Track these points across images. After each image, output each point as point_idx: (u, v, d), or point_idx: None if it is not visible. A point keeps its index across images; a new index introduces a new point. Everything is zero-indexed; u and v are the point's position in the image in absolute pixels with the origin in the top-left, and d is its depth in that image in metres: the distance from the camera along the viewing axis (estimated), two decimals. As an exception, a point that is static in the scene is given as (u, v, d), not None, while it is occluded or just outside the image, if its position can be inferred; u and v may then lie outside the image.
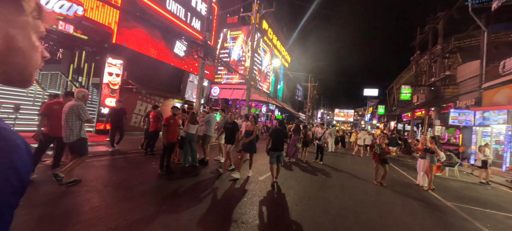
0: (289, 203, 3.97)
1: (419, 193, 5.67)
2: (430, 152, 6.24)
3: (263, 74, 25.60)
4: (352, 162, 9.90)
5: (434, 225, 3.72)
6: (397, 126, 31.97)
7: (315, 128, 10.84)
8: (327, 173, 6.93)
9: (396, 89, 32.27)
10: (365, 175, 7.23)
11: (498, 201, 5.79)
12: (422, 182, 6.50)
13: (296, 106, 42.94)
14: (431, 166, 6.13)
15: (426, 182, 6.35)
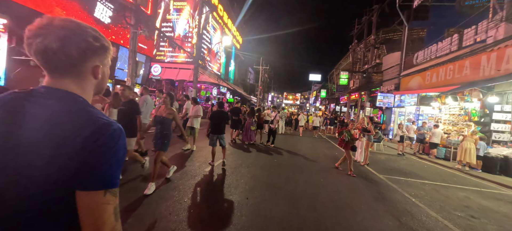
0: (239, 196, 3.49)
1: (358, 169, 6.17)
2: (367, 131, 6.87)
3: (213, 53, 23.94)
4: (301, 144, 10.31)
5: (375, 200, 3.95)
6: (336, 108, 36.07)
7: (267, 111, 10.69)
8: (278, 157, 6.83)
9: (336, 75, 35.94)
10: (314, 156, 7.51)
11: (413, 169, 6.92)
12: (360, 158, 7.19)
13: (248, 89, 42.85)
14: (367, 144, 6.77)
15: (362, 158, 7.04)
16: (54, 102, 0.60)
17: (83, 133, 0.57)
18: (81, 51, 0.62)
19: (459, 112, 9.37)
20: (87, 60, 0.65)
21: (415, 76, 13.44)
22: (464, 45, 10.36)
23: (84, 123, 0.59)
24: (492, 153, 7.17)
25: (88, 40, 0.63)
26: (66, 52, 0.60)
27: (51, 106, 0.59)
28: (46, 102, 0.60)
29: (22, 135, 0.56)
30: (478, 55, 8.94)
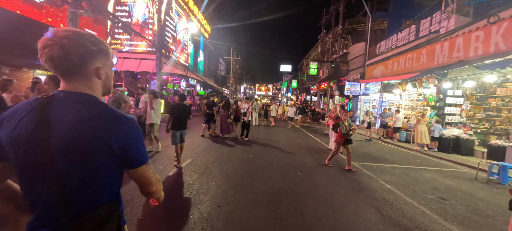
0: (209, 205, 2.98)
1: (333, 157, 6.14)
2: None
3: (179, 43, 22.20)
4: (276, 135, 10.09)
5: (354, 191, 3.82)
6: (307, 97, 37.21)
7: (240, 103, 10.18)
8: (253, 151, 6.44)
9: (306, 65, 36.84)
10: (289, 147, 7.31)
11: (382, 153, 7.21)
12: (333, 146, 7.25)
13: (219, 81, 41.50)
14: None
15: None
16: (76, 105, 0.73)
17: (113, 128, 0.75)
18: (81, 56, 0.73)
19: (418, 97, 10.13)
20: (87, 63, 0.76)
21: (378, 65, 14.21)
22: (421, 35, 11.19)
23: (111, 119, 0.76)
24: (446, 134, 7.86)
25: (86, 46, 0.74)
26: (68, 58, 0.71)
27: (74, 108, 0.72)
28: (68, 105, 0.73)
29: (57, 134, 0.69)
30: (433, 44, 9.65)
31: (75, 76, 0.75)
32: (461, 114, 8.12)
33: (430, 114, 8.79)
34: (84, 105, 0.74)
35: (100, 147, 0.72)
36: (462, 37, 8.30)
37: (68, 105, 0.72)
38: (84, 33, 0.75)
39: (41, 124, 0.69)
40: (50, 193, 0.69)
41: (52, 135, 0.68)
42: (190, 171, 4.28)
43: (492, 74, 6.65)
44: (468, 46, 7.99)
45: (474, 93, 8.25)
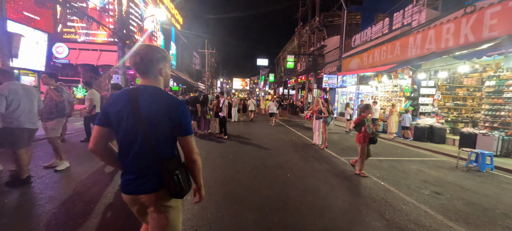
0: (182, 228, 2.31)
1: (319, 153, 5.82)
2: (320, 113, 6.56)
3: (147, 33, 20.23)
4: (257, 131, 9.56)
5: (350, 193, 3.47)
6: (284, 91, 37.40)
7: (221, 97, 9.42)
8: (234, 150, 5.81)
9: (283, 59, 36.85)
10: (272, 144, 6.84)
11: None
12: (318, 141, 6.96)
13: (194, 75, 39.52)
14: (325, 127, 6.49)
15: (321, 141, 6.82)
16: (152, 92, 1.18)
17: (175, 108, 1.17)
18: (151, 61, 1.18)
19: (393, 89, 10.42)
20: (155, 66, 1.19)
21: (354, 57, 14.45)
22: (394, 28, 11.51)
23: (173, 103, 1.17)
24: (421, 123, 8.12)
25: (154, 54, 1.18)
26: (144, 62, 1.16)
27: (151, 94, 1.17)
28: (147, 93, 1.16)
29: (143, 110, 1.13)
30: (406, 37, 9.90)
31: (148, 75, 1.21)
32: (433, 104, 8.47)
33: (406, 104, 9.05)
34: (156, 93, 1.18)
35: (166, 120, 1.15)
36: (433, 29, 8.57)
37: (147, 93, 1.17)
38: (153, 46, 1.22)
39: (133, 104, 1.14)
40: (140, 146, 1.15)
41: (140, 110, 1.13)
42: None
43: (465, 64, 6.91)
44: (439, 38, 8.28)
45: (445, 83, 8.65)
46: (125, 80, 10.54)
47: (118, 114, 1.14)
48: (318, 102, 7.06)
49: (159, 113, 1.13)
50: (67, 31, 15.09)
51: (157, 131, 1.14)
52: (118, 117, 1.14)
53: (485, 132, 6.25)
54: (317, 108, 6.95)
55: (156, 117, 1.13)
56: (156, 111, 1.13)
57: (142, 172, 1.16)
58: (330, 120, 7.44)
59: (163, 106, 1.14)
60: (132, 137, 1.14)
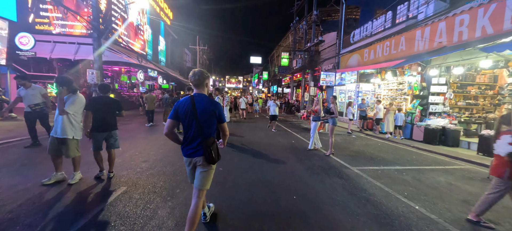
0: None
1: (326, 162, 4.92)
2: (330, 113, 5.69)
3: (132, 27, 18.80)
4: (251, 132, 8.59)
5: (378, 222, 2.55)
6: (278, 89, 36.54)
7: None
8: (224, 159, 4.82)
9: (276, 56, 35.92)
10: (271, 150, 5.90)
11: (374, 151, 6.29)
12: (317, 145, 6.11)
13: (185, 72, 38.02)
14: (332, 130, 5.61)
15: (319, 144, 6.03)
16: (203, 98, 2.01)
17: (216, 107, 2.02)
18: (202, 79, 2.03)
19: (398, 86, 9.68)
20: (204, 81, 2.04)
21: (353, 53, 13.66)
22: (398, 21, 10.77)
23: (214, 103, 2.03)
24: (432, 124, 7.39)
25: (204, 75, 2.04)
26: (198, 80, 2.01)
27: (203, 99, 2.00)
28: (200, 98, 2.00)
29: (198, 109, 1.96)
30: (412, 30, 9.16)
31: (200, 87, 2.03)
32: (444, 103, 7.76)
33: (413, 103, 8.32)
34: (205, 98, 2.01)
35: (212, 114, 1.98)
36: (444, 21, 7.84)
37: (200, 98, 1.99)
38: (203, 70, 2.07)
39: (193, 105, 1.95)
40: (196, 131, 1.96)
41: (197, 109, 1.95)
42: (119, 212, 2.50)
43: (487, 58, 6.17)
44: (451, 31, 7.54)
45: (457, 80, 7.95)
46: (101, 76, 9.31)
47: (185, 112, 1.99)
48: (318, 101, 6.16)
49: (208, 109, 1.99)
50: (40, 21, 13.59)
51: (205, 121, 1.99)
52: (184, 113, 1.99)
53: (510, 135, 5.53)
54: (316, 108, 6.07)
55: (206, 112, 1.99)
56: (206, 109, 1.99)
57: (195, 146, 2.00)
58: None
59: (209, 105, 2.00)
60: (190, 124, 1.99)
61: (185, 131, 2.00)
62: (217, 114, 1.99)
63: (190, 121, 1.95)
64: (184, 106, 1.96)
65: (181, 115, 1.97)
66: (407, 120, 8.20)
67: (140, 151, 5.09)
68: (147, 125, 9.16)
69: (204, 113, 1.94)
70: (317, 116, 6.03)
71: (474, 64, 7.00)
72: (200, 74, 2.00)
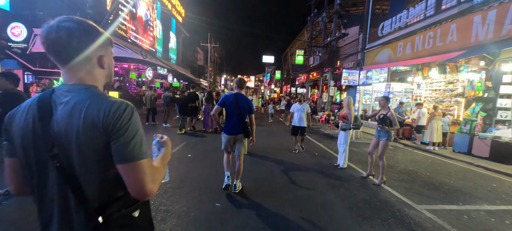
0: None
1: (374, 194, 3.39)
2: (388, 124, 3.71)
3: (141, 21, 18.06)
4: (265, 140, 7.18)
5: None
6: (291, 89, 34.85)
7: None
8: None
9: (291, 55, 34.21)
10: (288, 166, 4.46)
11: (430, 172, 4.65)
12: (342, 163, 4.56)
13: (197, 71, 37.40)
14: (385, 147, 3.86)
15: (345, 162, 4.46)
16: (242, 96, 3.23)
17: (249, 102, 3.24)
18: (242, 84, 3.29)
19: (446, 87, 7.83)
20: (243, 85, 3.31)
21: (383, 48, 11.82)
22: (444, 8, 8.86)
23: (249, 100, 3.25)
24: (504, 137, 5.57)
25: (243, 81, 3.33)
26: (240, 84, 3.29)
27: (242, 96, 3.22)
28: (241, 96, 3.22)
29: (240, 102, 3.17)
30: (469, 15, 7.29)
31: (241, 88, 3.27)
32: (518, 108, 5.89)
33: (473, 108, 6.49)
34: (243, 96, 3.25)
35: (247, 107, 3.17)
36: (521, 0, 5.98)
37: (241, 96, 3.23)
38: (242, 79, 3.40)
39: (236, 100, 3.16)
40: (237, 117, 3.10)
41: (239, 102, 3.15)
42: None
43: None
44: (532, 13, 5.69)
45: None
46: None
47: (230, 104, 3.02)
48: (349, 104, 4.57)
49: (245, 104, 3.04)
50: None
51: (244, 111, 3.02)
52: (229, 104, 3.03)
53: None
54: (344, 112, 4.52)
55: (244, 105, 3.02)
56: (244, 103, 3.04)
57: (236, 126, 3.03)
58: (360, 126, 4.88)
59: (246, 101, 3.07)
60: (233, 112, 3.01)
61: (229, 117, 3.09)
62: (250, 107, 3.12)
63: (234, 110, 3.05)
64: (230, 100, 3.07)
65: (227, 105, 3.08)
66: (464, 129, 6.39)
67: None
68: (146, 124, 8.27)
69: (243, 105, 3.07)
70: (348, 123, 4.49)
71: None
72: (242, 81, 3.23)
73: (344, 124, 4.55)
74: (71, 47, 0.67)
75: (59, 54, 0.68)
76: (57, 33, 0.66)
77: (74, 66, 0.70)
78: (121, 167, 0.67)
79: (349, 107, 4.54)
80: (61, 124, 0.66)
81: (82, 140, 0.65)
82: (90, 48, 0.70)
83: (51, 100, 0.68)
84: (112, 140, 0.66)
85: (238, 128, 3.03)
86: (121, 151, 0.66)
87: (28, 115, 0.69)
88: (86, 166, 0.66)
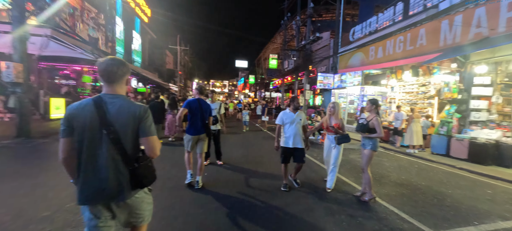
0: None
1: (378, 218, 2.76)
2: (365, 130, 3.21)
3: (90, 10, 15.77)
4: (244, 150, 6.28)
5: None
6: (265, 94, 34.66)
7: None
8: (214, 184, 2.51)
9: (264, 59, 34.09)
10: (271, 184, 3.64)
11: (420, 179, 4.28)
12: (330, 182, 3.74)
13: (165, 75, 34.87)
14: (370, 158, 3.30)
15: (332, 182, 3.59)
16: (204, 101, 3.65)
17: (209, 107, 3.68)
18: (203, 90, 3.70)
19: (419, 89, 7.95)
20: (204, 92, 3.71)
21: (355, 52, 11.96)
22: (412, 13, 9.18)
23: (208, 105, 3.72)
24: (480, 138, 5.62)
25: (204, 89, 3.75)
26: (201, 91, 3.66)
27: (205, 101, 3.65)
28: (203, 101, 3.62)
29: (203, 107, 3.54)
30: (436, 20, 7.53)
31: (202, 95, 3.68)
32: (489, 109, 6.05)
33: (448, 110, 6.55)
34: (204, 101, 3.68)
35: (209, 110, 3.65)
36: (484, 6, 6.24)
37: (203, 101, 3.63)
38: (202, 86, 3.83)
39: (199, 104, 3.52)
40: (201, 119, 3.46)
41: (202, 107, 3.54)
42: None
43: None
44: (495, 18, 5.93)
45: (505, 80, 6.30)
46: (26, 71, 6.54)
47: (195, 107, 3.35)
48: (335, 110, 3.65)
49: (207, 108, 3.49)
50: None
51: (206, 114, 3.42)
52: (195, 108, 3.34)
53: None
54: (337, 122, 3.58)
55: (206, 109, 3.47)
56: (206, 107, 3.47)
57: (200, 127, 3.37)
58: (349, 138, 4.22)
59: (207, 105, 3.52)
60: (198, 115, 3.34)
61: (194, 119, 3.36)
62: (210, 110, 3.50)
63: (198, 113, 3.34)
64: (195, 104, 3.36)
65: (192, 108, 3.34)
66: (441, 131, 6.40)
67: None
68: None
69: (206, 109, 3.42)
70: (344, 135, 3.52)
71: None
72: (202, 87, 3.61)
73: (340, 137, 3.50)
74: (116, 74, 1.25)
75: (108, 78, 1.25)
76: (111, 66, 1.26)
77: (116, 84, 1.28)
78: (144, 139, 1.26)
79: (338, 115, 3.69)
80: (113, 115, 1.20)
81: (127, 123, 1.21)
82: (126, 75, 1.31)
83: (102, 102, 1.21)
84: (140, 124, 1.24)
85: (201, 128, 3.39)
86: (145, 130, 1.25)
87: (87, 109, 1.19)
88: (127, 137, 1.22)
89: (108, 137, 1.16)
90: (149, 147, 1.25)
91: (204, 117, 3.35)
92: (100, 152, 1.16)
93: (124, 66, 1.26)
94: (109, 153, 1.16)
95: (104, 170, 1.16)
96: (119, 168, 1.19)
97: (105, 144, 1.16)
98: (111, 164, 1.17)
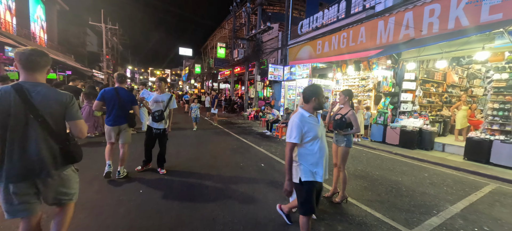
0: None
1: (357, 223, 2.50)
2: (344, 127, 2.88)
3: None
4: (194, 147, 5.26)
5: None
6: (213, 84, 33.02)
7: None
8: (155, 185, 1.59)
9: (211, 48, 32.13)
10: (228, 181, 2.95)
11: (374, 168, 4.50)
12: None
13: (87, 59, 28.31)
14: (346, 155, 3.07)
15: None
16: (123, 89, 3.49)
17: (131, 96, 3.53)
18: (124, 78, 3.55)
19: (360, 83, 8.70)
20: (125, 80, 3.57)
21: (304, 45, 12.32)
22: (353, 12, 9.94)
23: (130, 94, 3.53)
24: (408, 126, 6.49)
25: (125, 76, 3.59)
26: (121, 79, 3.58)
27: (123, 90, 3.47)
28: (122, 89, 3.46)
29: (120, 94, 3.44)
30: (374, 20, 8.29)
31: (122, 83, 3.51)
32: (414, 101, 7.08)
33: (384, 102, 7.35)
34: (124, 90, 3.54)
35: (129, 100, 3.47)
36: (412, 11, 7.15)
37: (122, 89, 3.47)
38: (122, 73, 3.59)
39: (116, 93, 3.37)
40: (119, 109, 3.31)
41: (120, 96, 3.33)
42: None
43: (484, 50, 5.44)
44: (419, 22, 6.88)
45: (424, 77, 7.45)
46: None
47: (111, 97, 3.20)
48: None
49: (126, 96, 3.31)
50: None
51: (126, 103, 3.32)
52: (110, 98, 3.19)
53: (504, 138, 4.90)
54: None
55: (125, 98, 3.30)
56: (125, 95, 3.31)
57: (119, 117, 3.27)
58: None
59: (127, 94, 3.36)
60: (114, 104, 3.23)
61: (110, 109, 3.24)
62: (131, 99, 3.38)
63: (115, 102, 3.23)
64: (110, 93, 3.21)
65: (107, 98, 3.20)
66: (379, 121, 7.13)
67: None
68: None
69: (124, 97, 3.28)
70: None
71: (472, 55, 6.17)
72: (122, 75, 3.45)
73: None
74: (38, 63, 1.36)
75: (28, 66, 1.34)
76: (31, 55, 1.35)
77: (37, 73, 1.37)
78: (72, 123, 1.45)
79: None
80: (39, 102, 1.31)
81: (55, 109, 1.37)
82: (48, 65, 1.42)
83: (23, 88, 1.29)
84: (66, 110, 1.42)
85: (121, 118, 3.29)
86: (72, 115, 1.44)
87: (7, 96, 1.26)
88: (54, 121, 1.37)
89: (36, 120, 1.30)
90: (77, 130, 1.47)
91: (124, 106, 3.28)
92: (28, 134, 1.29)
93: (47, 56, 1.39)
94: (39, 135, 1.32)
95: (32, 151, 1.30)
96: (50, 147, 1.36)
97: (32, 127, 1.30)
98: (41, 145, 1.32)
